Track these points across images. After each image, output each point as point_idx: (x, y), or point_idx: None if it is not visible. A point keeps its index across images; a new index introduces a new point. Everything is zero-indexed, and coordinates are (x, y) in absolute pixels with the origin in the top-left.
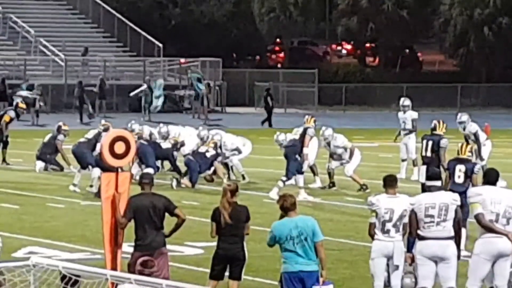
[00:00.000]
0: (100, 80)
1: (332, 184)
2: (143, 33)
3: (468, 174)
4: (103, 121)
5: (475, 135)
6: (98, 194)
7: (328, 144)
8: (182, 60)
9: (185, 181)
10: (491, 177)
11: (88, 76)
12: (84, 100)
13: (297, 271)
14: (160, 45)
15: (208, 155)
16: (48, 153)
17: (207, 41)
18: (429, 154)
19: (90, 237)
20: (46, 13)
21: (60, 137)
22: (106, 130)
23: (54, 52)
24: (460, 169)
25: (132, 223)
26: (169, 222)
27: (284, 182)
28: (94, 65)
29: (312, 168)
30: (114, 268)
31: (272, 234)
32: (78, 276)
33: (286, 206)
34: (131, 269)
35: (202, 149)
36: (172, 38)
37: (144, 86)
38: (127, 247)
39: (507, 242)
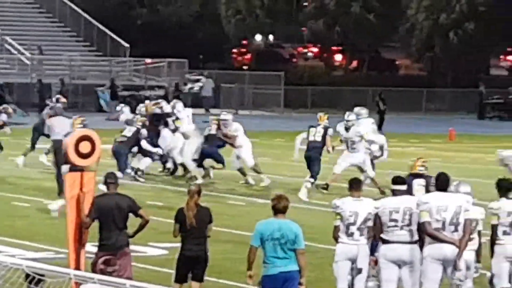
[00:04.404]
0: (60, 80)
1: (326, 185)
2: (110, 33)
3: (428, 188)
4: (138, 117)
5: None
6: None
7: (347, 129)
8: (148, 60)
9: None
10: (441, 184)
11: (53, 75)
12: (44, 98)
13: (277, 273)
14: (127, 45)
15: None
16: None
17: (173, 42)
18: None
19: (55, 237)
20: (12, 12)
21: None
22: (144, 126)
23: (20, 50)
24: (418, 183)
25: (96, 223)
26: (133, 222)
27: (312, 183)
28: (60, 64)
29: (255, 169)
30: (77, 267)
31: (256, 231)
32: (42, 275)
33: (278, 207)
34: (94, 268)
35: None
36: (138, 38)
37: None
38: (91, 247)
39: (453, 248)
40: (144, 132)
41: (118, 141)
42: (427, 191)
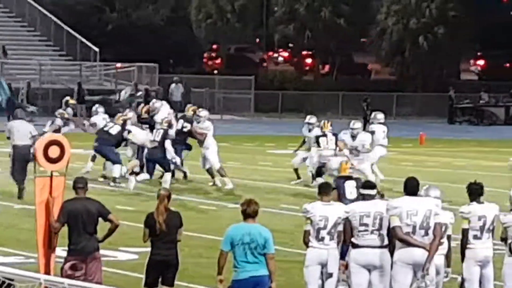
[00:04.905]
0: (27, 83)
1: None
2: (80, 37)
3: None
4: (165, 118)
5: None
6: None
7: (354, 137)
8: (118, 65)
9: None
10: (410, 188)
11: (23, 79)
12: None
13: (248, 278)
14: (97, 49)
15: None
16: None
17: (144, 46)
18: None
19: (24, 241)
20: None
21: (69, 110)
22: (170, 126)
23: None
24: (350, 185)
25: (66, 228)
26: (103, 227)
27: None
28: (29, 68)
29: (219, 171)
30: (47, 272)
31: (226, 236)
32: (12, 280)
33: (248, 212)
34: (63, 273)
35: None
36: (109, 42)
37: None
38: (61, 252)
39: (423, 252)
40: (171, 132)
41: (152, 148)
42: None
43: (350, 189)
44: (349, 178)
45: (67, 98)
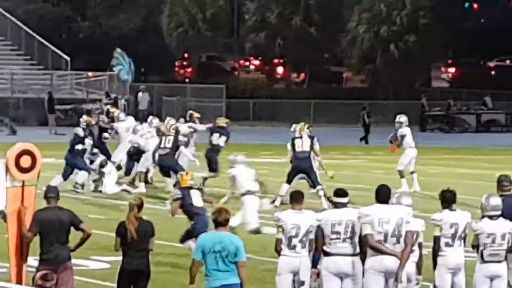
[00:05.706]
0: None
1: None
2: (51, 46)
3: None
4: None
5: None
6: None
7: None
8: (90, 74)
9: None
10: (382, 196)
11: None
12: None
13: (219, 286)
14: (68, 58)
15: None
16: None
17: None
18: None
19: None
20: None
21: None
22: (177, 133)
23: None
24: (196, 194)
25: (37, 237)
26: (75, 236)
27: (322, 189)
28: (1, 78)
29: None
30: (19, 281)
31: (198, 245)
32: None
33: (219, 220)
34: (34, 283)
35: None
36: (80, 51)
37: None
38: (33, 261)
39: (395, 260)
40: (181, 138)
41: (163, 154)
42: None
43: (197, 197)
44: (191, 188)
45: (108, 107)
